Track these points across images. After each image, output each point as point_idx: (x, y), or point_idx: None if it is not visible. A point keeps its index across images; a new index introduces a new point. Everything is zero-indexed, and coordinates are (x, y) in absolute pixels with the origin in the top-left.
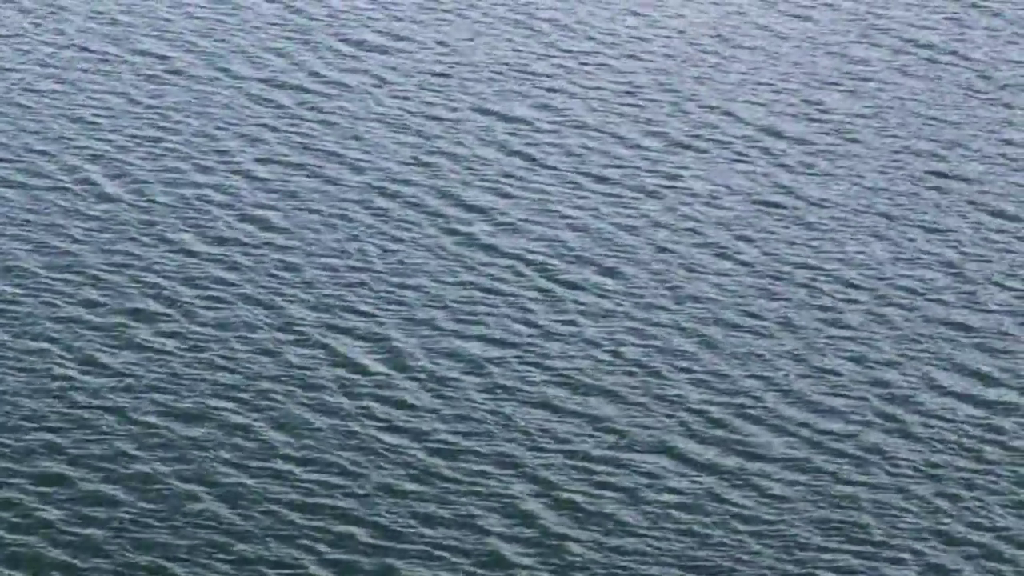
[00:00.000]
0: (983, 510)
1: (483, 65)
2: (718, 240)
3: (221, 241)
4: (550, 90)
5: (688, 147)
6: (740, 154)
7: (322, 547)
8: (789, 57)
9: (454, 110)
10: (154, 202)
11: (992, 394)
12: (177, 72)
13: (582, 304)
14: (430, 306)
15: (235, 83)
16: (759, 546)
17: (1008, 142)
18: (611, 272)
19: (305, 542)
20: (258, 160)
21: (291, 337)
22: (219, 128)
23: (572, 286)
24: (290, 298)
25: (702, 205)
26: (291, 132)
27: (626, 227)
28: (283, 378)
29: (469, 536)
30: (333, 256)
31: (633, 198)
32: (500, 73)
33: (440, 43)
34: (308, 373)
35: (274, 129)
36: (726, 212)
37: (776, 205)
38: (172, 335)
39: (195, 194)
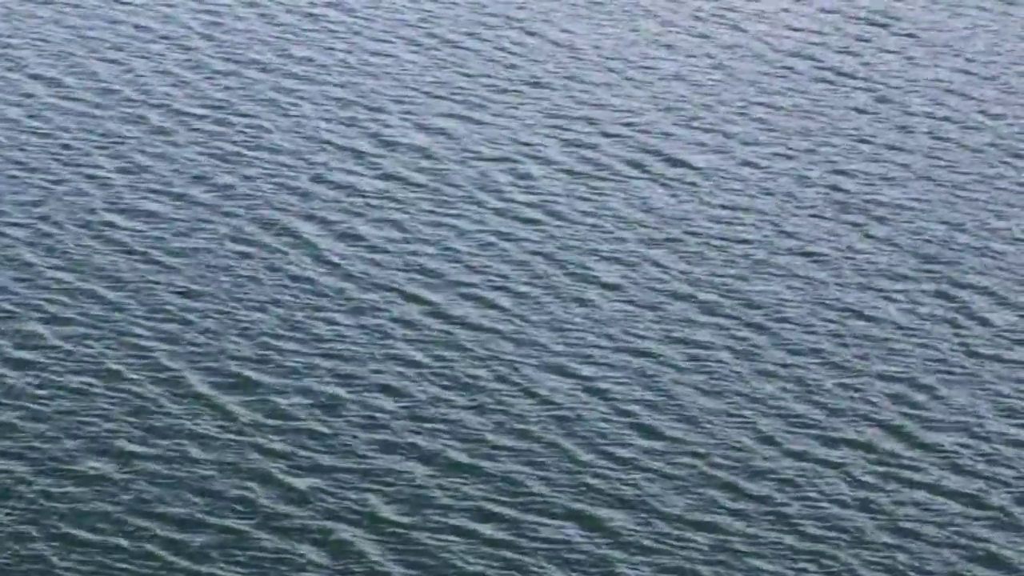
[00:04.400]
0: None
1: (378, 89)
2: (607, 274)
3: (90, 271)
4: (448, 116)
5: (590, 176)
6: (642, 184)
7: None
8: (697, 83)
9: (347, 136)
10: (12, 226)
11: (888, 443)
12: (59, 94)
13: (463, 338)
14: (298, 340)
15: (118, 105)
16: None
17: (906, 167)
18: (493, 305)
19: None
20: (135, 187)
21: (152, 374)
22: (99, 151)
23: (454, 321)
24: (155, 335)
25: (600, 237)
26: (173, 156)
27: (512, 260)
28: (136, 423)
29: None
30: (205, 289)
31: (523, 228)
32: (400, 96)
33: (334, 66)
34: (165, 412)
35: (155, 155)
36: (619, 245)
37: (673, 240)
38: (29, 373)
39: (64, 220)
